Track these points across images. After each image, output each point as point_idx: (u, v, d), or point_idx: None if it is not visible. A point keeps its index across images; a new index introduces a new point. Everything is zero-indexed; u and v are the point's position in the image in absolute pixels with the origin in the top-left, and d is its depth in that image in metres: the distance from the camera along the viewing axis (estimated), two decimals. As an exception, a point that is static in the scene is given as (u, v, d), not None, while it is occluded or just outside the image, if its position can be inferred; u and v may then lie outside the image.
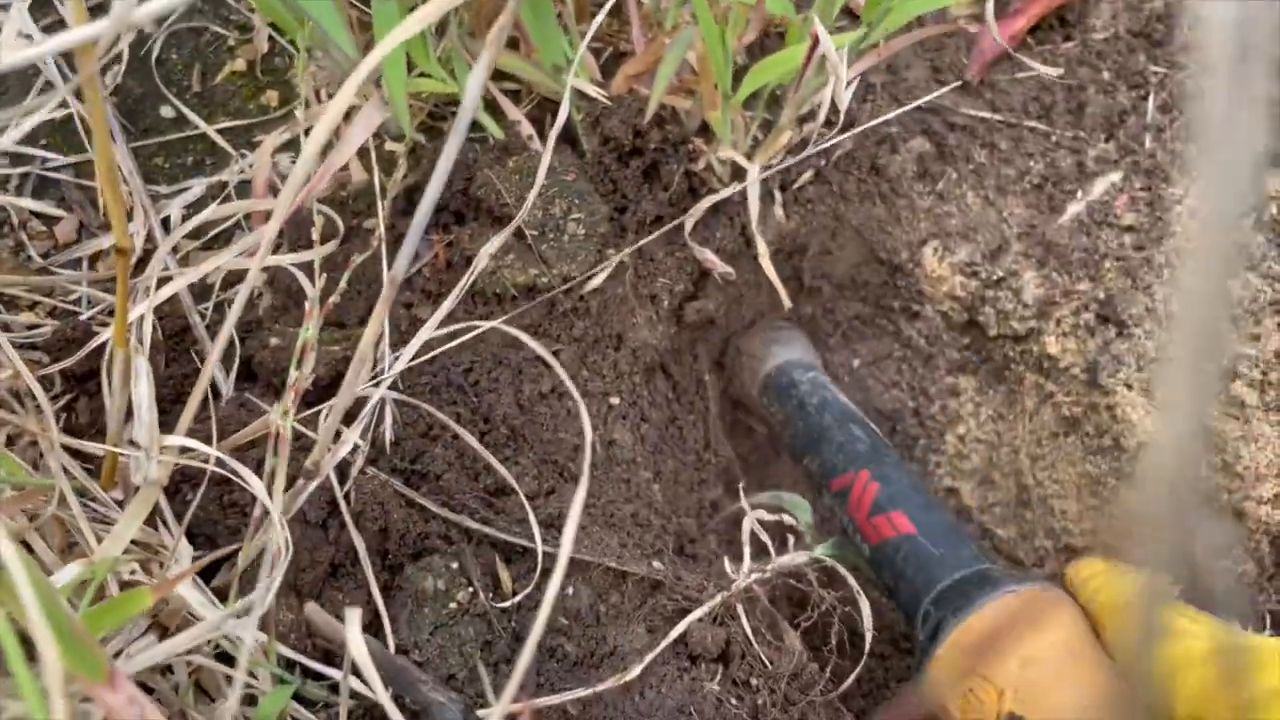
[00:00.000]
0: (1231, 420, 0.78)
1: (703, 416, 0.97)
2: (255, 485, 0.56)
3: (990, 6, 0.88)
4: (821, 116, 0.76)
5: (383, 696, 0.50)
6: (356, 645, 0.49)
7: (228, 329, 0.56)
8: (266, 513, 0.58)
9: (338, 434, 0.67)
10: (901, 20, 0.76)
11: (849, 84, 0.74)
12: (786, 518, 0.79)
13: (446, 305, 0.69)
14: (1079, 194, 0.92)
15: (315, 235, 0.67)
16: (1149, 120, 0.94)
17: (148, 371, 0.58)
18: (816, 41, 0.74)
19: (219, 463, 0.59)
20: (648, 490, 0.83)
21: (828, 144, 0.85)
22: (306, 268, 0.79)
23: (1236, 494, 0.77)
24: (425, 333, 0.69)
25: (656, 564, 0.73)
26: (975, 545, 0.74)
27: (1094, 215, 0.91)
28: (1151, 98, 0.95)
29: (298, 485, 0.57)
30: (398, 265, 0.51)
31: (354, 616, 0.49)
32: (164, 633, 0.60)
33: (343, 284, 0.72)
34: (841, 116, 0.75)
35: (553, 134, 0.74)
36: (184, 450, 0.60)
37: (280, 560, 0.54)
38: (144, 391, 0.58)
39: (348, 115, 0.75)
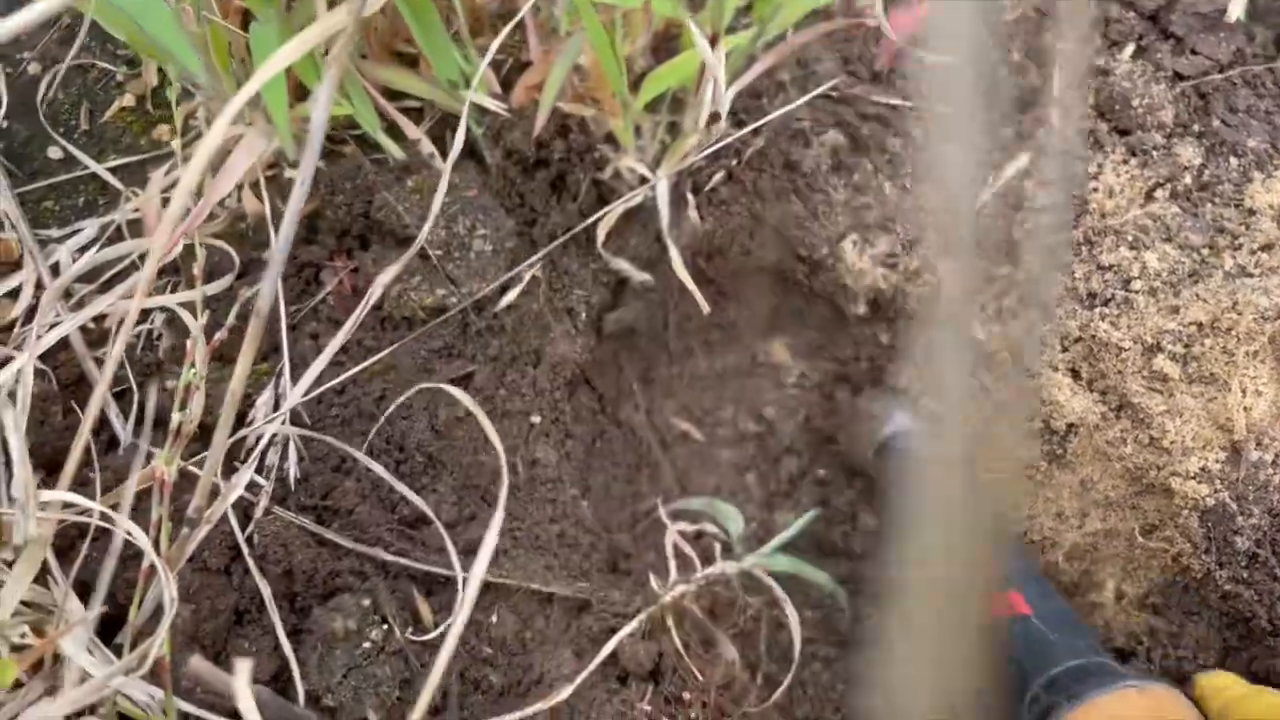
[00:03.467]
0: (1155, 395, 0.78)
1: (634, 426, 0.95)
2: (139, 538, 0.53)
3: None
4: (724, 118, 0.75)
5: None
6: (244, 698, 0.47)
7: (108, 373, 0.54)
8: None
9: (234, 474, 0.65)
10: (794, 16, 0.75)
11: (728, 86, 0.73)
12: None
13: (342, 334, 0.67)
14: (991, 177, 0.92)
15: (197, 271, 0.65)
16: (1057, 97, 0.94)
17: (16, 423, 0.55)
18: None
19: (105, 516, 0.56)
20: (575, 508, 0.81)
21: (725, 142, 0.84)
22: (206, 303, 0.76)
23: (1164, 470, 0.76)
24: (321, 363, 0.67)
25: (582, 584, 0.72)
26: (1095, 640, 0.70)
27: (1009, 197, 0.90)
28: (1058, 74, 0.95)
29: (183, 535, 0.54)
30: (262, 297, 0.49)
31: (243, 668, 0.47)
32: (60, 697, 0.58)
33: (231, 319, 0.70)
34: (724, 119, 0.74)
35: (453, 152, 0.73)
36: (67, 505, 0.57)
37: (167, 613, 0.52)
38: (15, 444, 0.55)
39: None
